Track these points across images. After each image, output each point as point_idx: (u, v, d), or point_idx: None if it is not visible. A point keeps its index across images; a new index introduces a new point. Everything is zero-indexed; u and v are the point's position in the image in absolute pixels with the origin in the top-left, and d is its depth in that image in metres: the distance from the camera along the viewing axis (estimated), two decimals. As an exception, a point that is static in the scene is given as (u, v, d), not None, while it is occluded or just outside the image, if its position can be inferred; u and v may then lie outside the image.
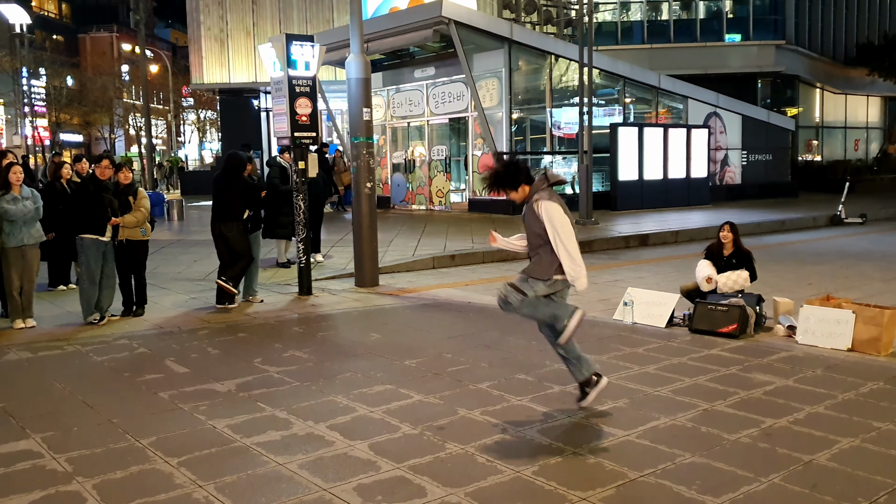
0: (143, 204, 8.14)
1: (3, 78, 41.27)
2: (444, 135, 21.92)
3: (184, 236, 15.75)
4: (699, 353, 6.51)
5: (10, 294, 7.71)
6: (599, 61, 19.54)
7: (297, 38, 9.20)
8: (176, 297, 9.31)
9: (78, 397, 5.52)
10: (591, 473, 4.09)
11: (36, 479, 4.10)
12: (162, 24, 77.33)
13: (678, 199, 21.22)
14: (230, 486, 3.99)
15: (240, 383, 5.81)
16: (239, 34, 30.97)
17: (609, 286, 10.09)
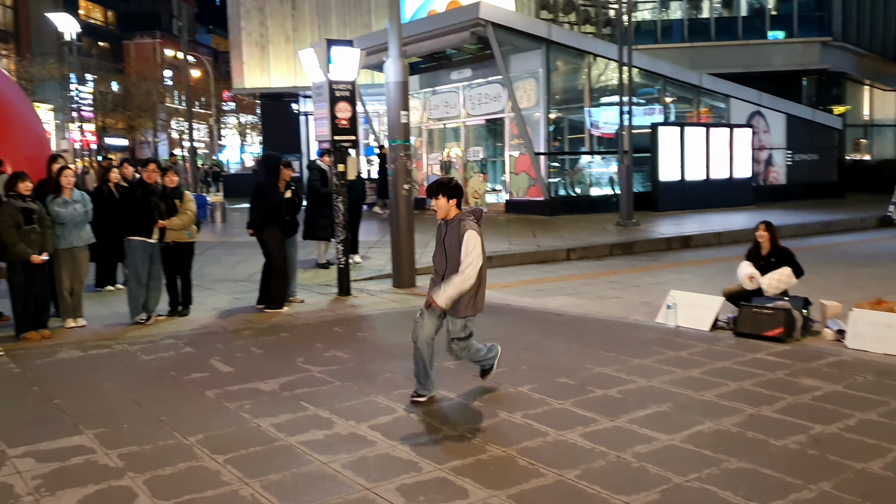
0: (190, 207, 8.28)
1: (52, 84, 42.26)
2: (481, 136, 21.93)
3: (227, 238, 15.99)
4: (744, 356, 6.43)
5: (62, 294, 7.90)
6: (639, 60, 19.38)
7: (338, 42, 9.29)
8: (220, 298, 9.45)
9: (127, 395, 5.64)
10: (634, 477, 4.07)
11: (90, 473, 4.21)
12: (203, 30, 78.51)
13: (721, 199, 20.92)
14: (275, 484, 4.05)
15: (283, 382, 5.88)
16: (279, 39, 31.31)
17: (651, 288, 10.01)
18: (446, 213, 5.14)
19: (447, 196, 5.10)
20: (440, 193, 5.11)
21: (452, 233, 5.10)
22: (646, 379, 5.83)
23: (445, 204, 5.11)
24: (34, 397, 5.66)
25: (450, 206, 5.12)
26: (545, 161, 19.02)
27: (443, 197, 5.10)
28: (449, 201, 5.11)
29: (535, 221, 17.35)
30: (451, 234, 5.11)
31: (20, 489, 4.02)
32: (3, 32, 49.27)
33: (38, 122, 13.53)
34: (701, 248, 14.66)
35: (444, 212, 5.13)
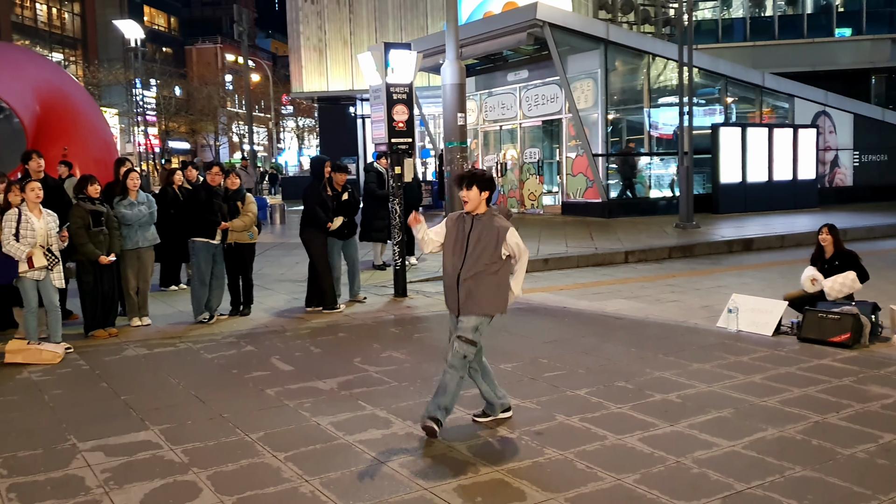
0: (251, 209, 8.45)
1: (118, 89, 43.58)
2: (537, 137, 21.84)
3: (286, 239, 16.25)
4: (809, 362, 6.27)
5: (128, 293, 8.14)
6: (699, 60, 19.06)
7: (395, 45, 9.37)
8: (279, 298, 9.61)
9: (191, 392, 5.79)
10: (695, 483, 4.01)
11: (155, 468, 4.33)
12: (262, 35, 79.97)
13: (784, 201, 20.43)
14: (335, 481, 4.11)
15: (341, 382, 5.96)
16: (337, 43, 31.68)
17: (712, 292, 9.84)
18: (476, 206, 4.74)
19: (480, 188, 4.72)
20: (474, 184, 4.72)
21: (483, 229, 4.71)
22: (706, 384, 5.73)
23: (477, 196, 4.72)
24: (102, 393, 5.84)
25: (481, 200, 4.74)
26: (603, 162, 18.85)
27: (476, 188, 4.72)
28: (481, 194, 4.72)
29: (593, 224, 17.20)
30: (480, 229, 4.71)
31: (90, 482, 4.16)
32: (72, 39, 51.02)
33: (105, 127, 13.98)
34: (763, 251, 14.33)
35: (475, 205, 4.74)
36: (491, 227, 4.71)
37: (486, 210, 4.78)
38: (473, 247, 4.70)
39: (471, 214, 4.78)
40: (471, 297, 4.71)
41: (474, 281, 4.71)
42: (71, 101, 12.46)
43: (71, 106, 12.34)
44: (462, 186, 4.75)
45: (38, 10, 47.97)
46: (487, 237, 4.70)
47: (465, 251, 4.72)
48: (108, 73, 43.93)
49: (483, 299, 4.72)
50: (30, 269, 6.86)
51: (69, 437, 4.84)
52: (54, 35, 49.03)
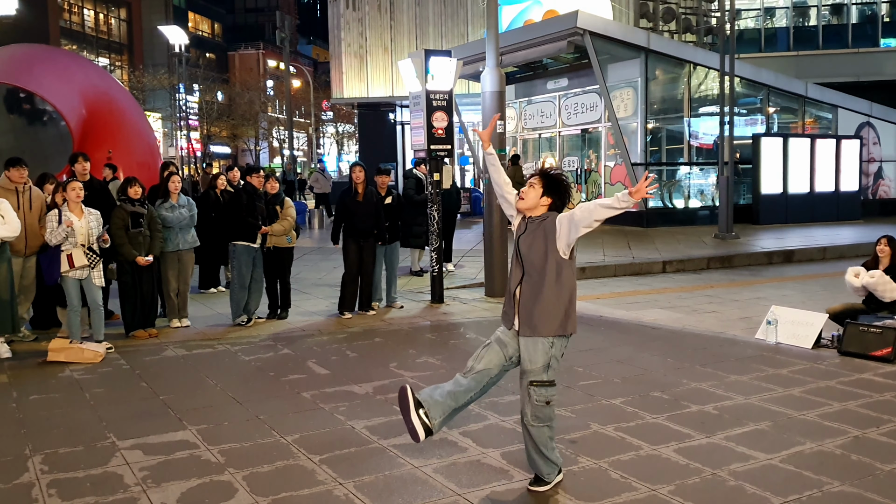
0: (290, 213, 8.55)
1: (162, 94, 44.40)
2: (576, 146, 21.76)
3: (324, 244, 16.37)
4: (849, 376, 6.15)
5: (168, 295, 8.28)
6: (741, 69, 18.85)
7: (436, 53, 9.42)
8: (317, 302, 9.70)
9: (228, 393, 5.87)
10: (731, 496, 3.96)
11: (192, 467, 4.40)
12: (304, 41, 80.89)
13: (826, 213, 20.09)
14: (368, 485, 4.14)
15: (376, 386, 6.00)
16: (377, 50, 31.92)
17: (751, 304, 9.70)
18: (532, 207, 4.01)
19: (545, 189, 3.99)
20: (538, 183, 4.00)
21: (535, 229, 3.99)
22: (744, 396, 5.66)
23: (537, 199, 4.00)
24: (142, 392, 5.95)
25: (539, 202, 4.00)
26: (642, 172, 18.71)
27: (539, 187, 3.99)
28: (542, 197, 3.99)
29: (630, 233, 17.08)
30: (531, 232, 3.99)
31: (129, 480, 4.24)
32: (118, 44, 52.14)
33: (149, 130, 14.26)
34: (804, 263, 14.10)
35: (532, 207, 4.01)
36: (538, 226, 3.97)
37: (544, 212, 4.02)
38: (525, 255, 3.98)
39: (525, 218, 4.07)
40: (526, 313, 3.96)
41: (532, 295, 3.96)
42: (116, 105, 12.74)
43: (116, 110, 12.62)
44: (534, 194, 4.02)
45: (86, 16, 49.12)
46: (537, 238, 3.96)
47: (521, 260, 4.01)
48: (152, 78, 44.80)
49: (544, 316, 3.93)
50: (71, 268, 7.02)
51: (109, 436, 4.94)
52: (101, 40, 50.15)
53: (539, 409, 3.92)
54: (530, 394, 3.92)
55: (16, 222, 7.01)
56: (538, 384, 3.91)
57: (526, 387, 3.94)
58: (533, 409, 3.92)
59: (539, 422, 3.93)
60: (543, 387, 3.91)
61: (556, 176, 4.04)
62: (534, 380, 3.91)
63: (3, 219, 6.91)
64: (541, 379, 3.92)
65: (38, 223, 7.50)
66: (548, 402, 3.92)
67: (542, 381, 3.92)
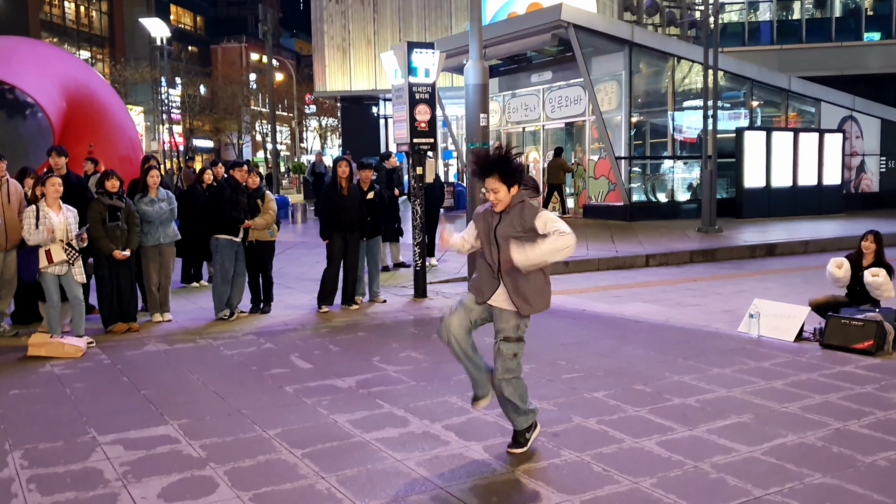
0: (271, 207, 8.50)
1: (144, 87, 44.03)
2: (560, 139, 21.77)
3: (307, 238, 16.31)
4: (831, 369, 6.20)
5: (149, 289, 8.22)
6: (725, 63, 18.90)
7: (419, 45, 9.38)
8: (300, 297, 9.66)
9: (210, 388, 5.83)
10: (713, 488, 3.97)
11: (174, 462, 4.36)
12: (287, 34, 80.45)
13: (808, 207, 20.22)
14: (351, 479, 4.12)
15: (359, 380, 5.97)
16: (360, 43, 31.81)
17: (733, 297, 9.75)
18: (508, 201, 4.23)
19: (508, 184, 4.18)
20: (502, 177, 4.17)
21: (511, 219, 4.22)
22: (726, 389, 5.69)
23: (507, 194, 4.21)
24: (123, 387, 5.90)
25: (510, 194, 4.21)
26: (626, 165, 18.76)
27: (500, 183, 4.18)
28: (510, 190, 4.20)
29: (614, 227, 17.12)
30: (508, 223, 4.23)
31: (109, 475, 4.20)
32: (100, 37, 51.61)
33: (131, 124, 14.11)
34: (786, 256, 14.19)
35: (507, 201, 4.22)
36: (518, 215, 4.21)
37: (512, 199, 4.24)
38: (504, 242, 4.21)
39: (494, 212, 4.30)
40: (518, 294, 4.26)
41: (517, 280, 4.24)
42: (97, 98, 12.59)
43: (97, 103, 12.48)
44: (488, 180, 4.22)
45: (67, 8, 48.57)
46: (515, 227, 4.20)
47: (499, 249, 4.25)
48: (134, 72, 44.39)
49: (530, 295, 4.26)
50: (49, 263, 6.94)
51: (89, 430, 4.89)
52: (82, 33, 49.62)
53: (508, 362, 4.34)
54: (500, 348, 4.34)
55: (-6, 216, 6.94)
56: (509, 340, 4.34)
57: (497, 343, 4.36)
58: (503, 361, 4.33)
59: (509, 373, 4.34)
60: (513, 342, 4.34)
61: (499, 160, 4.19)
62: (506, 336, 4.33)
63: (-19, 213, 6.83)
64: (511, 335, 4.34)
65: (17, 217, 7.41)
66: (515, 353, 4.35)
67: (512, 337, 4.34)
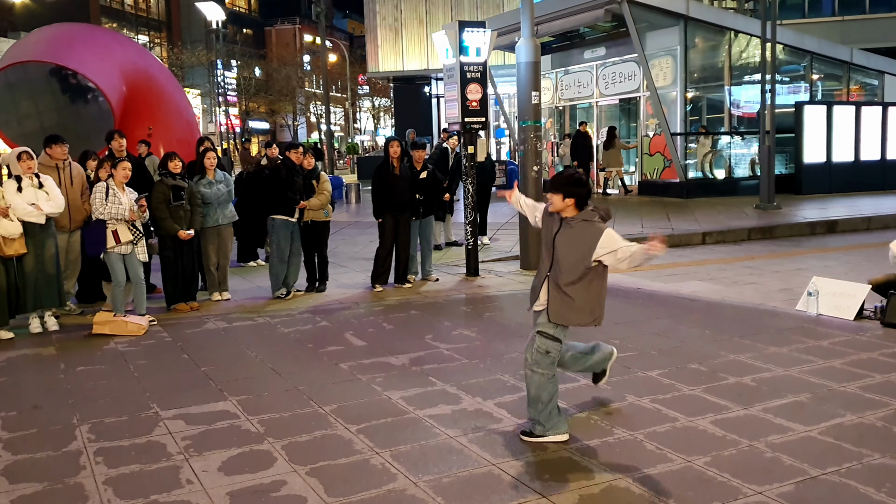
0: (326, 187, 8.60)
1: (200, 70, 44.76)
2: (614, 116, 21.46)
3: (360, 218, 16.47)
4: (892, 348, 6.04)
5: (208, 269, 8.41)
6: (783, 36, 18.36)
7: (470, 24, 9.34)
8: (354, 276, 9.78)
9: (267, 365, 5.97)
10: (767, 467, 3.94)
11: (233, 437, 4.50)
12: (340, 15, 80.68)
13: (871, 182, 19.57)
14: (404, 454, 4.19)
15: (412, 358, 6.05)
16: (412, 23, 31.75)
17: (792, 275, 9.55)
18: (561, 209, 4.27)
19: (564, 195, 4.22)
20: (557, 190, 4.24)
21: (572, 235, 4.24)
22: (783, 368, 5.60)
23: (560, 202, 4.24)
24: (184, 364, 6.08)
25: (566, 205, 4.24)
26: (681, 141, 18.43)
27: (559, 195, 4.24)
28: (564, 200, 4.23)
29: (670, 204, 16.87)
30: (569, 235, 4.25)
31: (171, 448, 4.35)
32: (157, 21, 52.61)
33: (188, 107, 14.40)
34: (848, 233, 13.81)
35: (558, 208, 4.28)
36: (581, 233, 4.21)
37: (577, 214, 4.25)
38: (561, 253, 4.26)
39: (559, 215, 4.31)
40: (558, 305, 4.30)
41: (561, 292, 4.28)
42: (155, 82, 12.88)
43: (155, 87, 12.76)
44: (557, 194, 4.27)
45: (125, -5, 49.54)
46: (575, 245, 4.23)
47: (553, 255, 4.30)
48: (190, 55, 45.17)
49: (570, 312, 4.30)
50: (117, 244, 7.16)
51: (152, 406, 5.07)
52: (140, 18, 50.64)
53: (538, 356, 4.36)
54: (535, 339, 4.39)
55: (60, 198, 7.18)
56: (544, 334, 4.37)
57: (533, 335, 4.42)
58: (533, 354, 4.38)
59: (538, 367, 4.36)
60: (548, 338, 4.36)
61: (566, 177, 4.27)
62: (541, 330, 4.39)
63: (49, 195, 7.07)
64: (548, 331, 4.37)
65: (80, 198, 7.65)
66: (547, 351, 4.36)
67: (548, 333, 4.37)
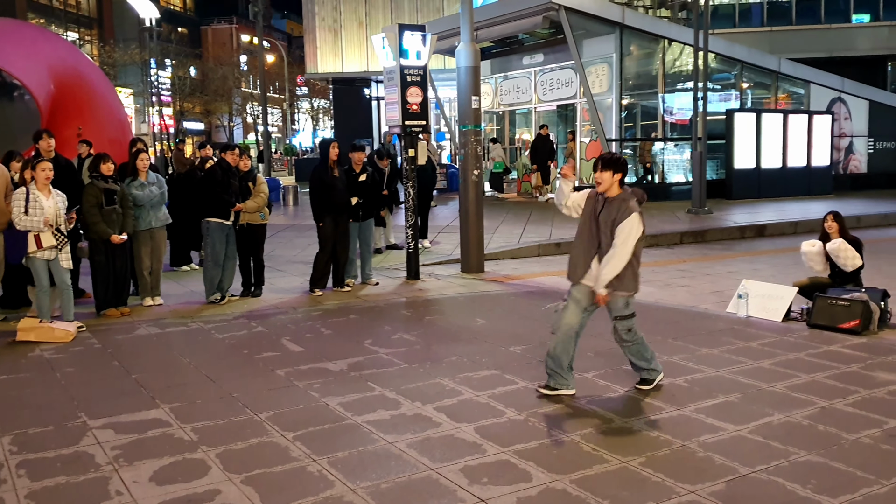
0: (263, 189, 8.48)
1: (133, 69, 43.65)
2: (552, 122, 21.74)
3: (298, 221, 16.30)
4: (817, 348, 6.26)
5: (141, 273, 8.20)
6: (715, 45, 18.89)
7: (410, 27, 9.34)
8: (291, 280, 9.66)
9: (201, 371, 5.85)
10: (700, 466, 4.03)
11: (165, 445, 4.39)
12: (278, 15, 79.78)
13: (798, 188, 20.29)
14: (342, 461, 4.15)
15: (351, 363, 6.00)
16: (352, 24, 31.62)
17: (723, 278, 9.81)
18: (608, 187, 5.00)
19: (614, 171, 4.97)
20: (609, 168, 4.98)
21: (612, 210, 4.98)
22: (714, 369, 5.74)
23: (610, 178, 4.97)
24: (114, 371, 5.91)
25: (613, 181, 4.99)
26: (616, 147, 18.76)
27: (609, 171, 4.97)
28: (614, 176, 4.97)
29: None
30: (609, 210, 4.99)
31: (100, 459, 4.21)
32: (88, 19, 51.09)
33: (120, 107, 14.02)
34: (776, 237, 14.25)
35: (607, 186, 4.99)
36: (616, 210, 4.94)
37: (620, 192, 5.00)
38: (604, 228, 4.98)
39: (602, 195, 5.02)
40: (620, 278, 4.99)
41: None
42: (86, 80, 12.51)
43: (86, 85, 12.39)
44: (596, 168, 5.01)
45: (54, -10, 48.02)
46: (612, 220, 4.94)
47: (598, 232, 5.00)
48: (123, 53, 43.99)
49: (622, 280, 5.00)
50: (38, 248, 6.91)
51: (80, 415, 4.91)
52: (69, 14, 49.09)
53: (625, 334, 5.16)
54: (616, 327, 5.18)
55: (-18, 200, 6.90)
56: (621, 318, 5.13)
57: (613, 322, 5.18)
58: (620, 335, 5.17)
59: (629, 341, 5.18)
60: (624, 319, 5.13)
61: (616, 157, 5.06)
62: (617, 315, 5.14)
63: (-31, 197, 6.79)
64: (622, 314, 5.13)
65: (3, 201, 7.37)
66: (629, 329, 5.15)
67: (623, 315, 5.13)
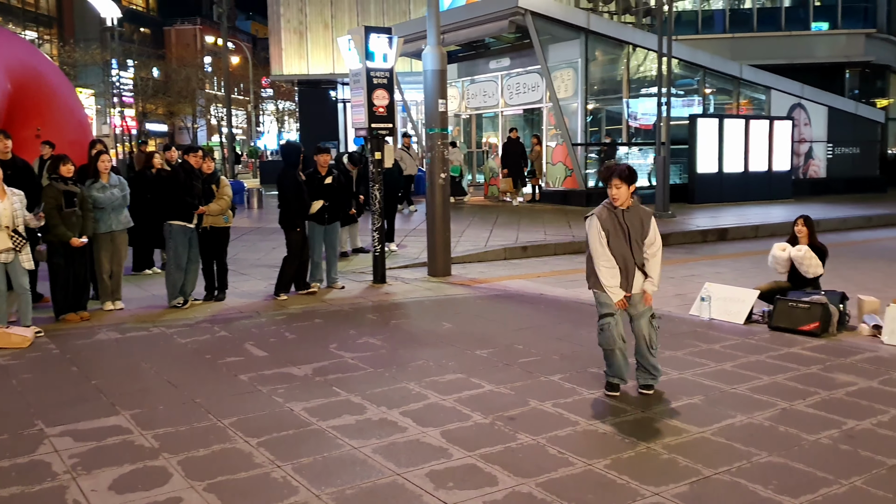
0: (226, 192, 8.39)
1: (94, 70, 42.94)
2: (518, 126, 21.84)
3: (263, 224, 16.14)
4: (778, 351, 6.36)
5: (101, 277, 8.06)
6: (678, 51, 19.14)
7: (376, 30, 9.31)
8: (255, 283, 9.57)
9: (163, 377, 5.75)
10: (664, 469, 4.06)
11: (126, 453, 4.30)
12: (243, 17, 79.15)
13: (759, 192, 20.64)
14: (307, 467, 4.11)
15: (316, 368, 5.95)
16: (317, 26, 31.45)
17: (685, 281, 9.92)
18: (624, 200, 5.16)
19: (629, 184, 5.14)
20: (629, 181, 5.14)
21: (633, 218, 5.19)
22: (678, 371, 5.80)
23: (627, 191, 5.15)
24: (73, 377, 5.79)
25: (629, 193, 5.18)
26: (582, 152, 18.91)
27: (624, 184, 5.12)
28: (629, 188, 5.16)
29: (571, 212, 17.26)
30: (631, 219, 5.18)
31: (57, 467, 4.12)
32: (47, 17, 50.20)
33: (80, 108, 13.77)
34: (737, 241, 14.47)
35: (624, 199, 5.15)
36: (635, 216, 5.19)
37: (632, 202, 5.23)
38: (635, 237, 5.18)
39: (619, 208, 5.18)
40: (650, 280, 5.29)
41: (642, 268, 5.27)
42: (45, 80, 12.26)
43: (45, 86, 12.15)
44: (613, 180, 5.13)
45: (12, -12, 47.08)
46: (636, 227, 5.18)
47: (630, 241, 5.17)
48: (83, 53, 43.25)
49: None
50: (-5, 251, 6.75)
51: (36, 423, 4.80)
52: (28, 12, 48.17)
53: (656, 332, 5.35)
54: (653, 323, 5.34)
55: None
56: (654, 316, 5.38)
57: (648, 320, 5.31)
58: (651, 332, 5.31)
59: (656, 338, 5.35)
60: (656, 316, 5.41)
61: (632, 169, 5.21)
62: (654, 314, 5.37)
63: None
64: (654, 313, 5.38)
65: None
66: (658, 326, 5.43)
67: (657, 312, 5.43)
